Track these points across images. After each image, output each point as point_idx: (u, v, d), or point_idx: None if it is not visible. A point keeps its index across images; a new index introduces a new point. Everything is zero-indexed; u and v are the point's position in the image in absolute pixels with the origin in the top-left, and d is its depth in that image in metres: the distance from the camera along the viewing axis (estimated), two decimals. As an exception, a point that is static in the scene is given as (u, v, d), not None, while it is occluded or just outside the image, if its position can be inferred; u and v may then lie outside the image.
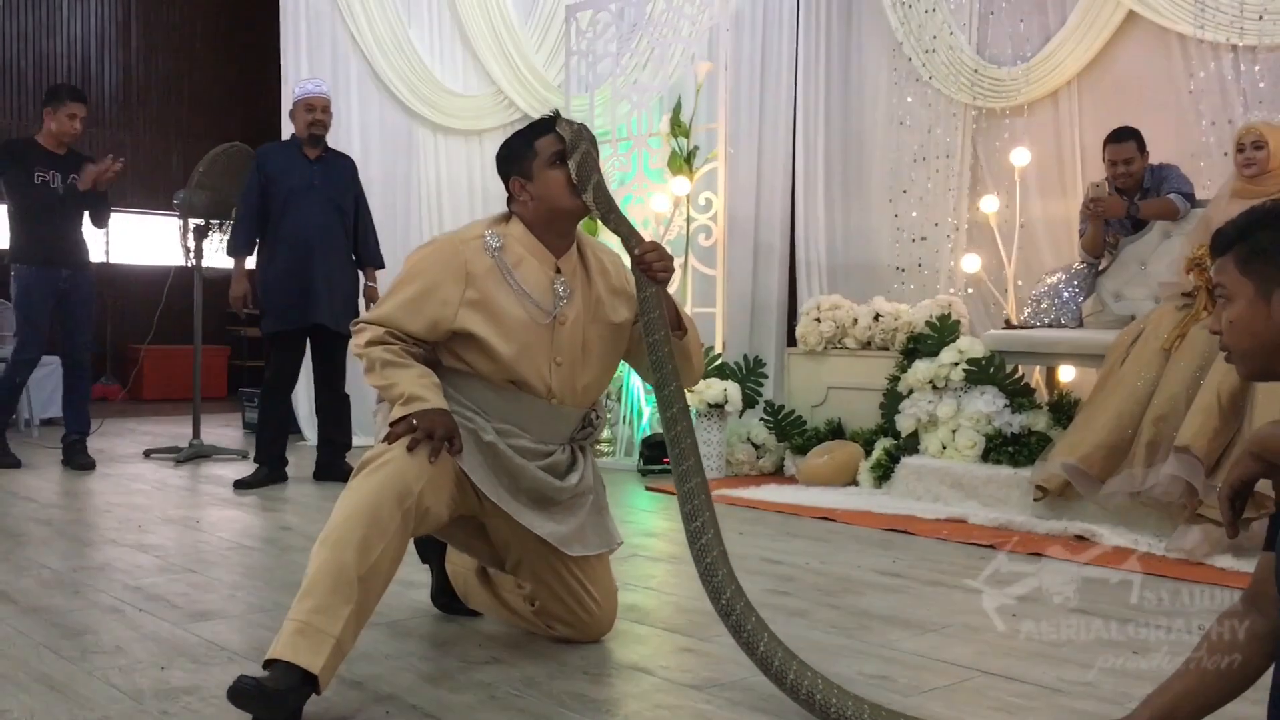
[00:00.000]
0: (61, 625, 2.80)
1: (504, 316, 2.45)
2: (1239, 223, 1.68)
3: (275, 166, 5.32)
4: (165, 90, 10.94)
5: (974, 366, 4.90)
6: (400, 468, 2.26)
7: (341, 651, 2.14)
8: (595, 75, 6.62)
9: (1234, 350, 1.69)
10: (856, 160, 6.95)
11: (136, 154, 10.81)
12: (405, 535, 2.27)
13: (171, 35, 11.05)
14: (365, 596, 2.18)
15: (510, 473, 2.49)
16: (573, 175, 2.46)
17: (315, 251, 5.19)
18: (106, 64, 10.82)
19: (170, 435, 6.92)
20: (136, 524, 4.21)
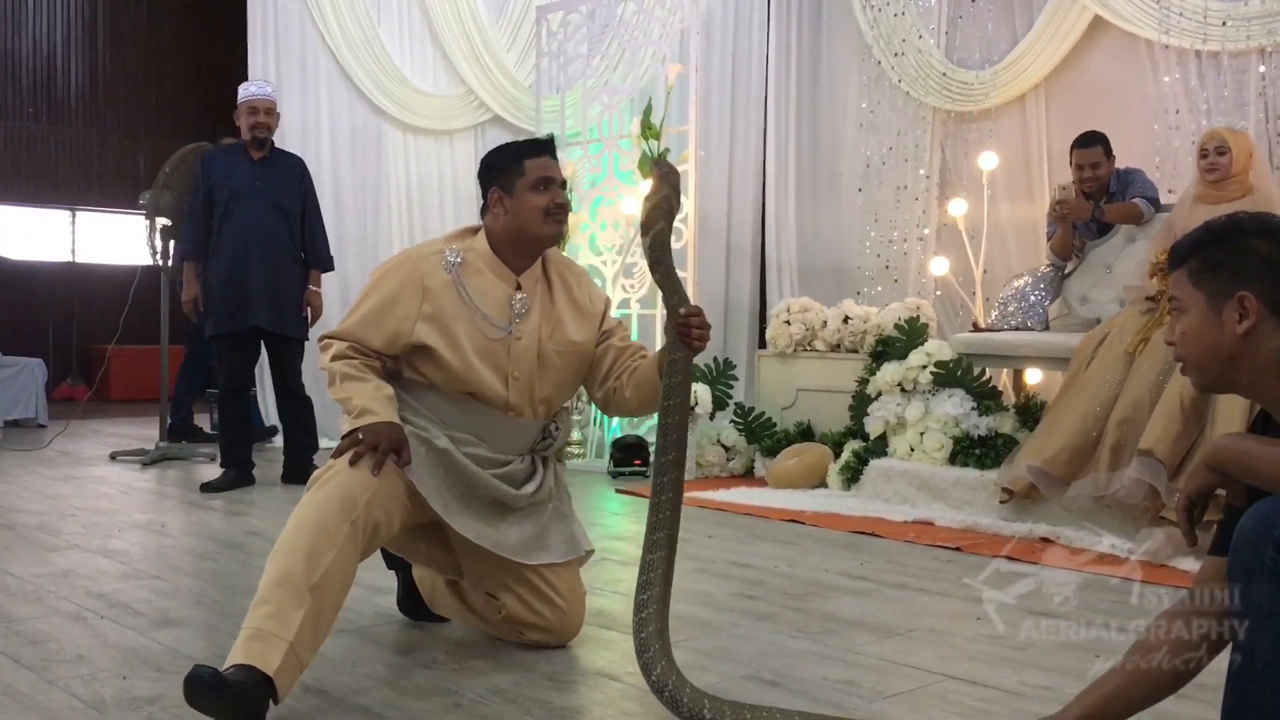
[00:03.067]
0: (22, 633, 2.77)
1: (458, 331, 2.50)
2: (1193, 237, 1.70)
3: (219, 170, 5.30)
4: (133, 89, 10.88)
5: (942, 369, 4.93)
6: (345, 480, 2.29)
7: (297, 657, 2.14)
8: (566, 77, 6.62)
9: (1187, 362, 1.72)
10: (827, 163, 6.97)
11: (104, 153, 10.76)
12: (356, 546, 2.28)
13: (139, 34, 10.98)
14: (319, 605, 2.19)
15: (465, 480, 2.52)
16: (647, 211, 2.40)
17: (255, 254, 5.16)
18: (73, 63, 10.74)
19: (136, 437, 6.86)
20: (101, 529, 4.17)
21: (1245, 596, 1.48)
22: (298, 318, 5.29)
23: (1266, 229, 1.66)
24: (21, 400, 7.71)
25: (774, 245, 7.04)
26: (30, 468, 5.81)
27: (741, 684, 2.46)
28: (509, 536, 2.59)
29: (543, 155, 2.57)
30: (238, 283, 5.15)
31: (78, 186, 10.58)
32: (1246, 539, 1.48)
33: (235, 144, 5.47)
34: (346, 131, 7.10)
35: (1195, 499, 1.65)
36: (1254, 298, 1.60)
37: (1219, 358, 1.66)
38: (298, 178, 5.40)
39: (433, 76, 7.36)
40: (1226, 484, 1.62)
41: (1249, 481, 1.55)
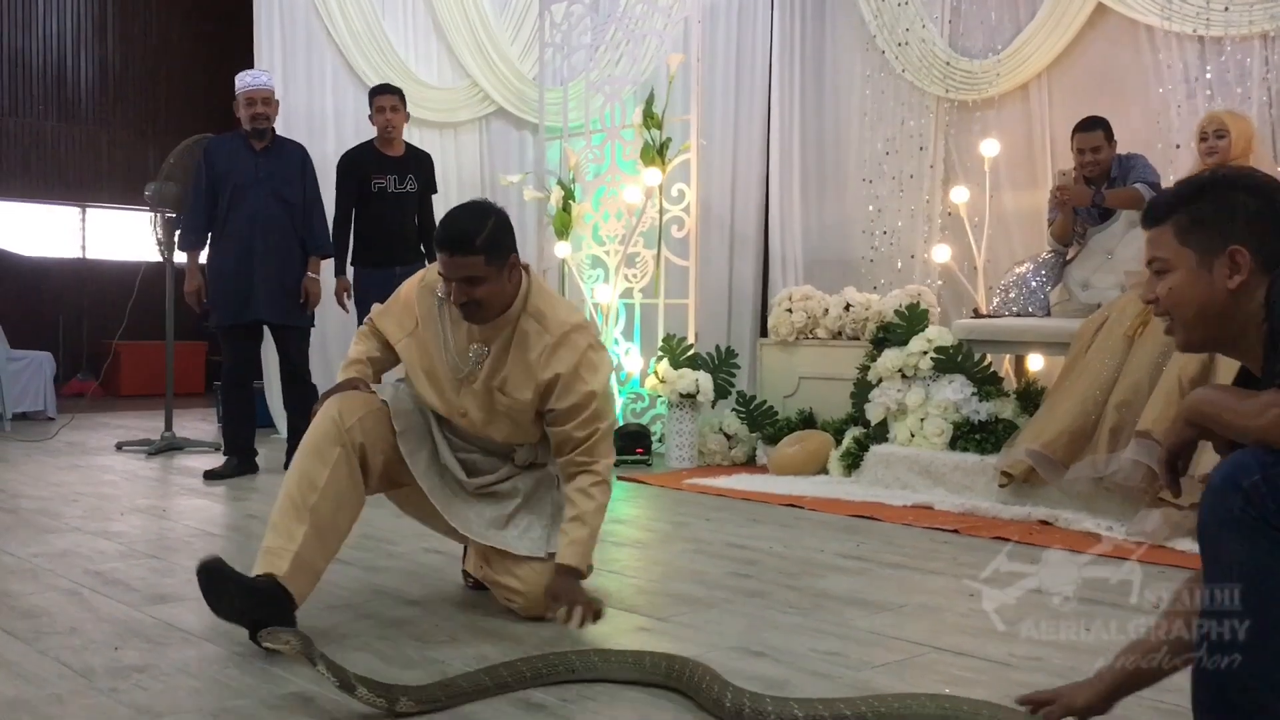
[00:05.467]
0: (17, 608, 2.79)
1: (430, 358, 2.73)
2: (1174, 193, 1.69)
3: (221, 160, 5.32)
4: (142, 87, 10.92)
5: (942, 355, 4.92)
6: (324, 414, 2.61)
7: (305, 563, 2.45)
8: (569, 68, 6.63)
9: (1175, 319, 1.70)
10: (831, 152, 6.97)
11: (114, 150, 10.81)
12: (350, 464, 2.57)
13: (149, 32, 11.02)
14: (319, 520, 2.49)
15: (436, 444, 2.76)
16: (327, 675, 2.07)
17: (257, 246, 5.19)
18: (83, 61, 10.78)
19: (143, 429, 6.89)
20: (103, 513, 4.20)
21: (1214, 548, 1.48)
22: (300, 306, 5.31)
23: (1252, 184, 1.65)
24: (30, 393, 7.74)
25: (777, 235, 7.04)
26: (36, 457, 5.84)
27: (727, 655, 2.46)
28: (457, 506, 2.72)
29: (442, 251, 2.58)
30: (243, 275, 5.17)
31: (87, 183, 10.62)
32: (1215, 491, 1.47)
33: (236, 134, 5.49)
34: (352, 125, 7.10)
35: (1176, 453, 1.64)
36: (1246, 251, 1.59)
37: (1208, 314, 1.64)
38: (299, 166, 5.42)
39: (437, 69, 7.38)
40: (1206, 436, 1.62)
41: (1223, 434, 1.55)
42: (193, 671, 2.31)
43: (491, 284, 2.59)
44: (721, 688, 2.10)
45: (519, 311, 2.69)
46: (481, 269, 2.57)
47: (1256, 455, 1.43)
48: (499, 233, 2.60)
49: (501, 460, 2.80)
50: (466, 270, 2.56)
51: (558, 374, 2.64)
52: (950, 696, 2.01)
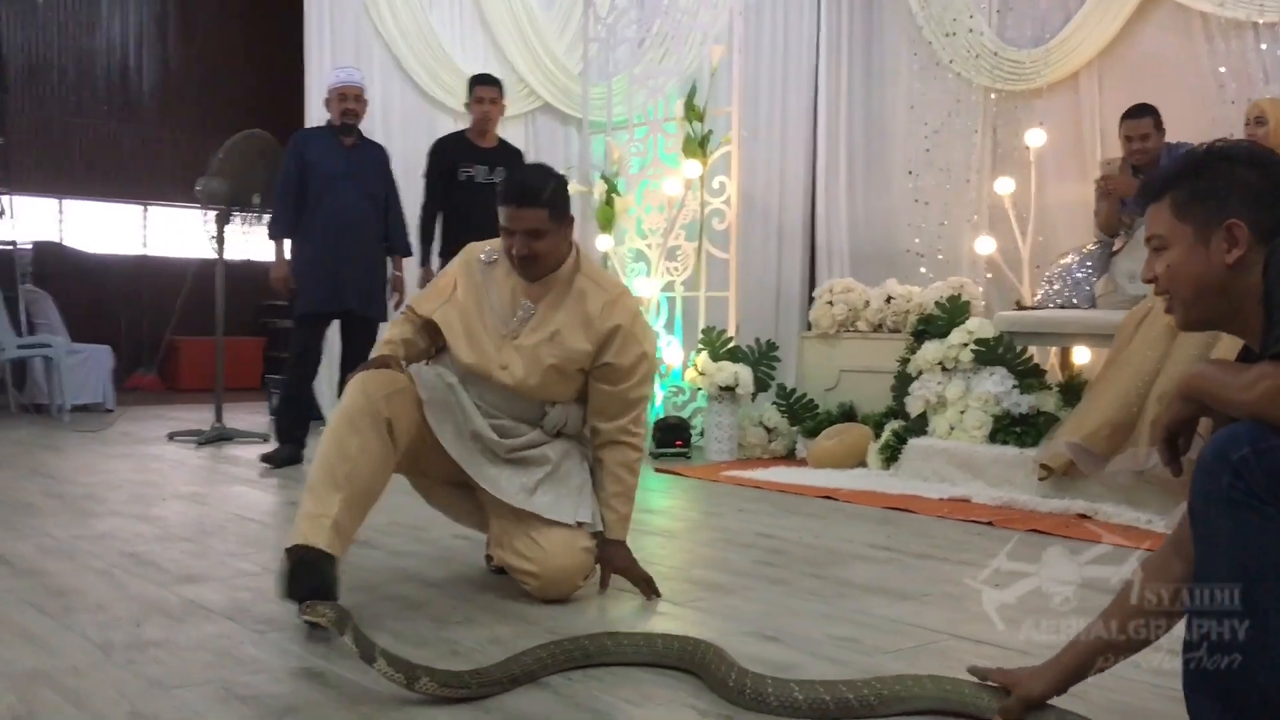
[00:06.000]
0: (50, 586, 2.86)
1: (469, 318, 2.80)
2: (1171, 170, 1.66)
3: (313, 152, 5.40)
4: (201, 87, 11.12)
5: (982, 347, 4.86)
6: (353, 389, 2.65)
7: (342, 530, 2.53)
8: (614, 61, 6.64)
9: (1174, 298, 1.68)
10: (877, 145, 6.92)
11: (175, 149, 11.01)
12: (380, 433, 2.60)
13: (208, 33, 11.22)
14: (354, 487, 2.55)
15: (464, 411, 2.76)
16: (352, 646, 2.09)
17: (349, 237, 5.29)
18: (145, 62, 11.01)
19: (196, 420, 7.02)
20: (145, 499, 4.29)
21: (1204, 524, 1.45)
22: (383, 301, 5.45)
23: (1250, 157, 1.62)
24: (89, 386, 7.93)
25: (823, 228, 7.00)
26: (90, 446, 5.97)
27: (740, 639, 2.45)
28: (487, 471, 2.74)
29: (509, 204, 2.70)
30: (333, 265, 5.29)
31: (149, 182, 10.84)
32: (1204, 466, 1.44)
33: (325, 127, 5.58)
34: (399, 119, 7.19)
35: (1174, 429, 1.61)
36: (1244, 226, 1.56)
37: (1208, 290, 1.62)
38: (383, 166, 5.55)
39: (484, 65, 7.40)
40: (1205, 413, 1.58)
41: (1218, 409, 1.51)
42: (209, 647, 2.34)
43: (551, 239, 2.72)
44: (727, 668, 2.09)
45: (572, 271, 2.81)
46: (545, 223, 2.70)
47: (1247, 429, 1.40)
48: (561, 193, 2.76)
49: (530, 426, 2.82)
50: (530, 223, 2.69)
51: (619, 324, 2.75)
52: (953, 680, 1.99)
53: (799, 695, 1.98)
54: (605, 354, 2.75)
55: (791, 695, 1.98)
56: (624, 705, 2.04)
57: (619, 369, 2.76)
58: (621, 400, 2.78)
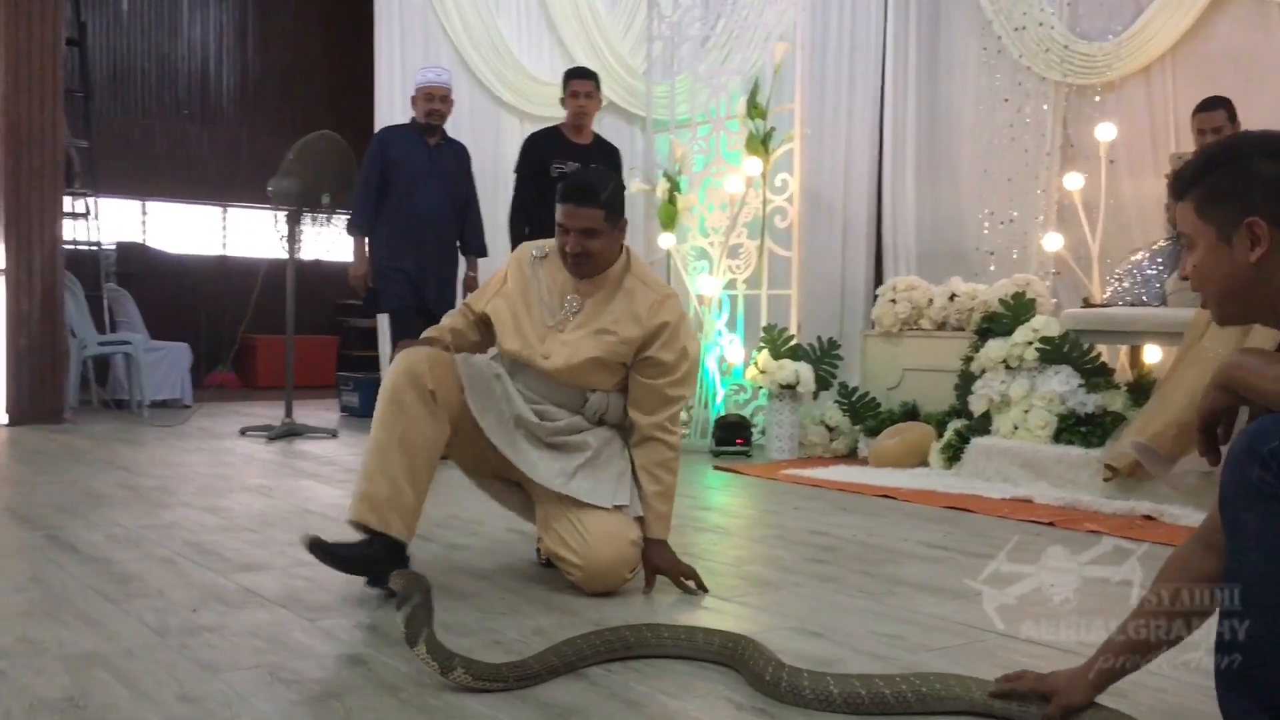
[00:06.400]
0: (114, 573, 2.95)
1: (517, 308, 2.88)
2: (1194, 166, 1.62)
3: (398, 150, 5.49)
4: (279, 90, 11.35)
5: (1047, 346, 4.77)
6: (397, 366, 2.72)
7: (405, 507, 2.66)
8: (678, 60, 6.65)
9: (1206, 296, 1.66)
10: (944, 141, 6.82)
11: (252, 151, 11.25)
12: (428, 406, 2.68)
13: (286, 37, 11.46)
14: (407, 459, 2.66)
15: (508, 398, 2.82)
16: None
17: (430, 236, 5.38)
18: (224, 66, 11.27)
19: (269, 416, 7.17)
20: (214, 491, 4.40)
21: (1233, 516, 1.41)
22: (453, 301, 5.54)
23: (1270, 149, 1.57)
24: (168, 382, 8.14)
25: (890, 226, 6.93)
26: (166, 441, 6.13)
27: (784, 635, 2.44)
28: (528, 454, 2.78)
29: (567, 202, 2.78)
30: (411, 264, 5.40)
31: (228, 183, 11.09)
32: (1234, 460, 1.41)
33: (408, 125, 5.66)
34: (466, 121, 7.28)
35: (1210, 420, 1.58)
36: (1264, 223, 1.52)
37: (1233, 290, 1.59)
38: (464, 166, 5.61)
39: (549, 64, 7.49)
40: (1242, 403, 1.55)
41: (1253, 399, 1.48)
42: (260, 633, 2.40)
43: (605, 239, 2.79)
44: (764, 662, 2.09)
45: (622, 271, 2.87)
46: (600, 223, 2.77)
47: (1276, 420, 1.36)
48: (618, 195, 2.83)
49: (571, 413, 2.87)
50: (587, 222, 2.76)
51: (667, 321, 2.83)
52: (981, 681, 1.95)
53: (834, 689, 1.97)
54: (649, 348, 2.80)
55: (827, 689, 1.98)
56: (660, 697, 2.05)
57: (661, 363, 2.81)
58: (660, 395, 2.82)
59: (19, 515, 3.83)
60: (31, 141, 6.87)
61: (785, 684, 2.01)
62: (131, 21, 10.82)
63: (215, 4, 11.18)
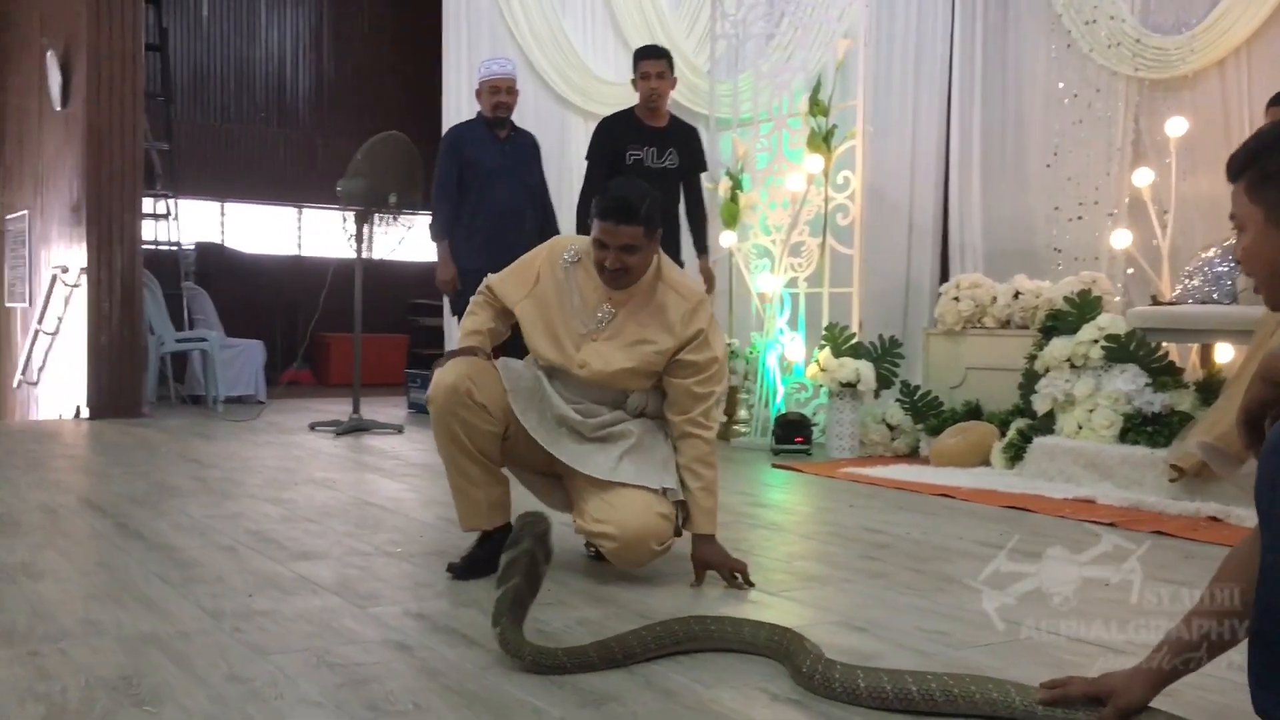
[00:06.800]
0: (177, 559, 3.04)
1: (549, 315, 2.90)
2: (1246, 148, 1.60)
3: (471, 149, 5.41)
4: (352, 93, 11.56)
5: (1113, 344, 4.69)
6: (442, 382, 2.81)
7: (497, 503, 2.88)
8: (741, 58, 6.64)
9: (1257, 280, 1.63)
10: (1013, 137, 6.72)
11: (326, 153, 11.47)
12: (471, 412, 2.79)
13: (360, 42, 11.67)
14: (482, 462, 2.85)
15: (548, 399, 2.88)
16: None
17: (511, 231, 5.34)
18: (300, 70, 11.51)
19: (338, 412, 7.30)
20: (279, 483, 4.50)
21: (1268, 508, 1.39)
22: None
23: None
24: (242, 379, 8.34)
25: (957, 223, 6.84)
26: (238, 435, 6.28)
27: (827, 629, 2.44)
28: (572, 449, 2.83)
29: (607, 220, 2.76)
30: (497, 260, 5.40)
31: (303, 185, 11.33)
32: (1272, 449, 1.38)
33: (476, 121, 5.60)
34: (531, 120, 7.32)
35: (1253, 410, 1.56)
36: None
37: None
38: (536, 156, 5.55)
39: (614, 64, 7.53)
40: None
41: None
42: (311, 619, 2.46)
43: (643, 253, 2.82)
44: (803, 655, 2.09)
45: (653, 278, 2.89)
46: (639, 239, 2.79)
47: (1315, 411, 1.34)
48: (655, 209, 2.83)
49: (612, 408, 2.91)
50: (627, 239, 2.77)
51: (701, 329, 2.86)
52: (1024, 687, 1.89)
53: (861, 683, 1.96)
54: (682, 353, 2.84)
55: (854, 682, 1.97)
56: (695, 687, 2.06)
57: (690, 365, 2.84)
58: (691, 394, 2.85)
59: (93, 504, 3.97)
60: (112, 144, 7.09)
61: (819, 675, 2.01)
62: (211, 27, 11.10)
63: (291, 10, 11.43)
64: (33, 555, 3.06)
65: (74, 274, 7.43)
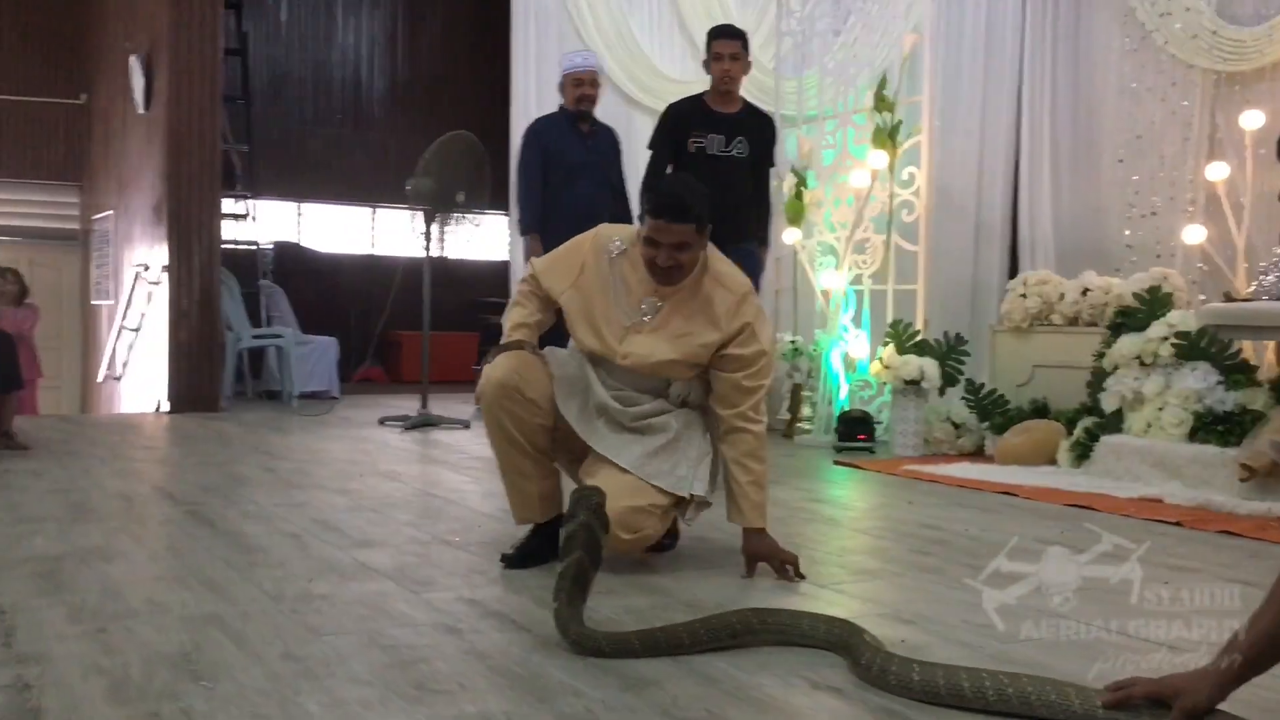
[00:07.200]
0: (243, 545, 3.14)
1: (593, 307, 2.91)
2: None
3: (554, 142, 5.36)
4: (426, 95, 11.71)
5: (1184, 341, 4.60)
6: (492, 377, 2.87)
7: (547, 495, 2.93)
8: (806, 55, 6.62)
9: None
10: (1085, 133, 6.61)
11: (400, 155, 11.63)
12: (520, 407, 2.85)
13: (433, 44, 11.83)
14: (532, 455, 2.90)
15: (590, 387, 2.92)
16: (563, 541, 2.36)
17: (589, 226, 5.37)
18: (376, 72, 11.71)
19: (408, 408, 7.43)
20: (346, 475, 4.60)
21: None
22: None
23: None
24: (317, 375, 8.52)
25: (1027, 221, 6.75)
26: (310, 429, 6.43)
27: (876, 621, 2.43)
28: (608, 439, 2.86)
29: (659, 218, 2.75)
30: None
31: (377, 185, 11.51)
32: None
33: (559, 115, 5.55)
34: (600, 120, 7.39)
35: None
36: None
37: None
38: (618, 151, 5.52)
39: (680, 63, 7.55)
40: None
41: None
42: (367, 602, 2.53)
43: (694, 250, 2.83)
44: (862, 648, 2.08)
45: (700, 270, 2.88)
46: (691, 236, 2.79)
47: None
48: (705, 205, 2.82)
49: (654, 396, 2.93)
50: (679, 237, 2.78)
51: (747, 323, 2.85)
52: (1083, 689, 1.86)
53: (916, 677, 1.96)
54: (728, 347, 2.84)
55: (909, 676, 1.96)
56: (736, 673, 2.08)
57: (737, 359, 2.84)
58: (739, 388, 2.84)
59: (167, 493, 4.10)
60: (191, 146, 7.29)
61: (875, 668, 2.01)
62: (290, 32, 11.34)
63: (367, 13, 11.62)
64: (107, 540, 3.18)
65: (155, 272, 7.65)
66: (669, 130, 5.12)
